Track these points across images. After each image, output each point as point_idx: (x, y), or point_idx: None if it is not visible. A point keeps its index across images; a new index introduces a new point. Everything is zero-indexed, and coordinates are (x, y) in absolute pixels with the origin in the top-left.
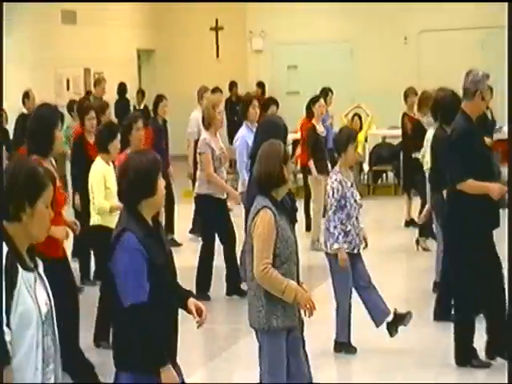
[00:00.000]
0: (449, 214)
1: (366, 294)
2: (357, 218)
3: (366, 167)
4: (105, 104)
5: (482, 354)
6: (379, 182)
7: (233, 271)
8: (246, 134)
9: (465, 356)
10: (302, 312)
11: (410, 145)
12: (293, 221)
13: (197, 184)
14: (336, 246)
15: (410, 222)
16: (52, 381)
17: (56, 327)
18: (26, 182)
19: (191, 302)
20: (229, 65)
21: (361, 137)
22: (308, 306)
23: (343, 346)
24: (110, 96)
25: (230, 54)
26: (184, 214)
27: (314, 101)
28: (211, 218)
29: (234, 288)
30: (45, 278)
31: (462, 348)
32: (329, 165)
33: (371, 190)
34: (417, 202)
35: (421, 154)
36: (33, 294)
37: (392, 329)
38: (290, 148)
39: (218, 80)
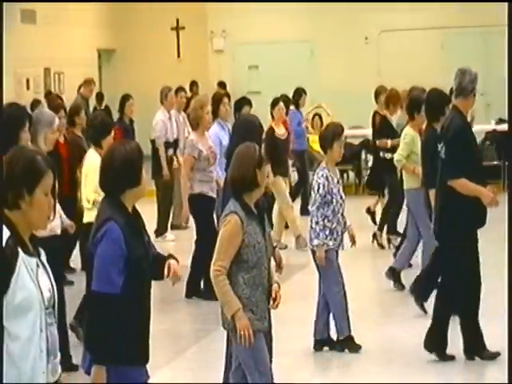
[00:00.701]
0: (439, 211)
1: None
2: (342, 215)
3: None
4: (59, 105)
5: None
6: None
7: None
8: (218, 132)
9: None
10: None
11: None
12: (263, 223)
13: (188, 185)
14: (316, 242)
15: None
16: (59, 371)
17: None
18: (23, 171)
19: (168, 262)
20: (190, 65)
21: None
22: (243, 332)
23: (347, 341)
24: (70, 95)
25: (191, 53)
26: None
27: (273, 104)
28: (206, 217)
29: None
30: (48, 267)
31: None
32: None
33: None
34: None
35: (399, 154)
36: (35, 279)
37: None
38: None
39: (179, 80)
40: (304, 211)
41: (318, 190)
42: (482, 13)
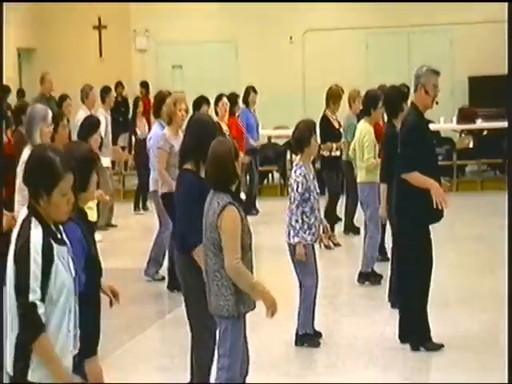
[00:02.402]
0: (396, 204)
1: None
2: (318, 210)
3: None
4: None
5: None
6: (265, 182)
7: None
8: (159, 132)
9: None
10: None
11: None
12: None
13: (159, 183)
14: (296, 239)
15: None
16: (78, 344)
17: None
18: (41, 174)
19: (106, 284)
20: (113, 64)
21: None
22: (271, 309)
23: (305, 337)
24: None
25: (113, 53)
26: None
27: (216, 100)
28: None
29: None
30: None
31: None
32: None
33: (257, 190)
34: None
35: (370, 159)
36: (66, 266)
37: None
38: None
39: (102, 79)
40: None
41: (296, 189)
42: (405, 13)
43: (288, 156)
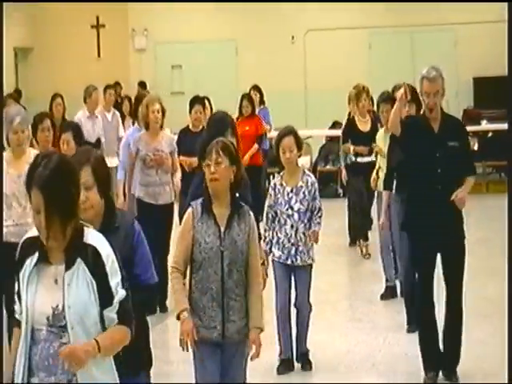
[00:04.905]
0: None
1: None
2: (292, 226)
3: None
4: None
5: None
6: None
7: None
8: (130, 135)
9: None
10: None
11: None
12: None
13: (133, 184)
14: (271, 253)
15: None
16: None
17: None
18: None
19: None
20: (110, 64)
21: None
22: (183, 337)
23: (282, 363)
24: None
25: (111, 52)
26: None
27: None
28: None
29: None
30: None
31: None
32: None
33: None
34: None
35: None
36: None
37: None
38: None
39: (100, 79)
40: None
41: (267, 202)
42: (409, 12)
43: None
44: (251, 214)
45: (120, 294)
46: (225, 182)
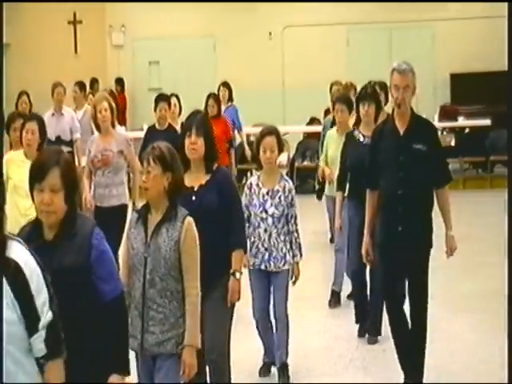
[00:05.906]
0: None
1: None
2: (265, 230)
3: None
4: None
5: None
6: (244, 181)
7: None
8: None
9: None
10: None
11: None
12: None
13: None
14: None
15: None
16: None
17: None
18: None
19: None
20: (88, 60)
21: None
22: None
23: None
24: None
25: (89, 48)
26: None
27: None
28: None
29: None
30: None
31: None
32: None
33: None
34: None
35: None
36: None
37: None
38: None
39: (77, 76)
40: None
41: (243, 200)
42: (386, 9)
43: None
44: (188, 220)
45: (48, 316)
46: (155, 191)
